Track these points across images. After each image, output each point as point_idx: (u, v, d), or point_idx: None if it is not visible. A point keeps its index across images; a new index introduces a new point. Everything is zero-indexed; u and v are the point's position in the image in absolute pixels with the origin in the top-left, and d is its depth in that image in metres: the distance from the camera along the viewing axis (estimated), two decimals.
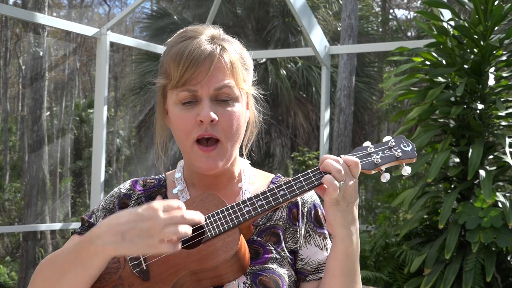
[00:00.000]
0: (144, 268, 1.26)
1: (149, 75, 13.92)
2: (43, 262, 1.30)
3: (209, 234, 1.26)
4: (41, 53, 13.45)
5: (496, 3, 4.36)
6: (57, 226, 11.04)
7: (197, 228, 1.26)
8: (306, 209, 1.41)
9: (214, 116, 1.30)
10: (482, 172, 4.08)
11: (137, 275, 1.26)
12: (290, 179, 1.31)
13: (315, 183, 1.28)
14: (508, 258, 4.27)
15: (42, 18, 5.14)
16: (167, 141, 1.45)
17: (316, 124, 12.87)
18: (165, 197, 1.43)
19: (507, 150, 4.06)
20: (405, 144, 1.34)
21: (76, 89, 19.18)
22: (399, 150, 1.33)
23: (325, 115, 6.26)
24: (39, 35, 13.55)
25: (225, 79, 1.32)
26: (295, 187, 1.29)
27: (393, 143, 1.34)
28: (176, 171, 1.47)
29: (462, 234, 4.21)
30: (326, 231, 1.42)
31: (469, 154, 4.10)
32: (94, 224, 1.40)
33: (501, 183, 4.65)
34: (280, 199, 1.28)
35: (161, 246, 1.15)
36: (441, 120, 4.56)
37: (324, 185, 1.26)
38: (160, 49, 6.61)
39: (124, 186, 1.47)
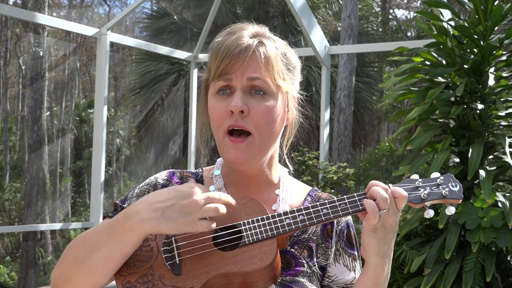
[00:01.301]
0: (177, 262, 1.24)
1: (149, 75, 13.92)
2: (75, 240, 1.29)
3: (246, 240, 1.25)
4: (41, 53, 13.45)
5: (496, 3, 4.36)
6: (57, 226, 11.04)
7: (235, 232, 1.26)
8: (339, 227, 1.41)
9: (243, 106, 1.29)
10: (482, 172, 4.08)
11: (169, 268, 1.24)
12: (335, 198, 1.30)
13: (360, 208, 1.28)
14: (508, 258, 4.27)
15: (42, 18, 5.14)
16: (208, 135, 1.44)
17: (316, 124, 12.87)
18: None
19: (507, 150, 4.06)
20: (453, 184, 1.34)
21: (76, 89, 19.18)
22: (446, 189, 1.33)
23: (325, 115, 6.25)
24: (39, 35, 13.55)
25: (258, 71, 1.31)
26: (339, 208, 1.28)
27: (442, 181, 1.34)
28: (214, 167, 1.45)
29: (462, 234, 4.21)
30: (356, 253, 1.42)
31: (469, 154, 4.10)
32: None
33: (501, 183, 4.65)
34: (323, 218, 1.27)
35: (199, 224, 1.17)
36: (441, 120, 4.56)
37: (366, 210, 1.26)
38: (160, 49, 6.61)
39: (161, 176, 1.45)
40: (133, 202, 1.38)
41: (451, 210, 1.33)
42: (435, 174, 1.35)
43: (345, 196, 1.30)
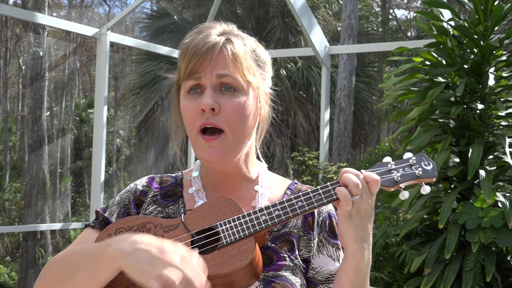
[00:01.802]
0: None
1: (149, 75, 13.92)
2: (58, 256, 1.28)
3: (224, 241, 1.25)
4: (41, 53, 13.45)
5: (496, 3, 4.36)
6: (57, 226, 11.04)
7: (212, 234, 1.26)
8: (321, 218, 1.41)
9: (214, 103, 1.30)
10: (482, 172, 4.08)
11: None
12: (309, 190, 1.30)
13: (334, 197, 1.27)
14: (508, 258, 4.27)
15: (42, 18, 5.14)
16: (183, 136, 1.44)
17: (316, 124, 12.87)
18: (181, 196, 1.42)
19: (507, 150, 4.06)
20: (426, 162, 1.34)
21: (76, 89, 19.18)
22: (420, 169, 1.32)
23: (325, 115, 6.26)
24: (39, 35, 13.55)
25: (227, 68, 1.32)
26: (313, 199, 1.28)
27: (414, 161, 1.33)
28: (193, 169, 1.45)
29: (462, 234, 4.21)
30: (339, 242, 1.41)
31: (469, 154, 4.10)
32: (108, 218, 1.38)
33: (501, 183, 4.65)
34: (298, 211, 1.27)
35: (151, 281, 1.10)
36: (441, 120, 4.56)
37: (339, 197, 1.26)
38: (160, 49, 6.61)
39: (141, 182, 1.45)
40: (114, 211, 1.40)
41: (426, 190, 1.33)
42: (408, 155, 1.35)
43: (319, 187, 1.29)
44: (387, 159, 1.34)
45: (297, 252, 1.36)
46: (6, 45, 15.94)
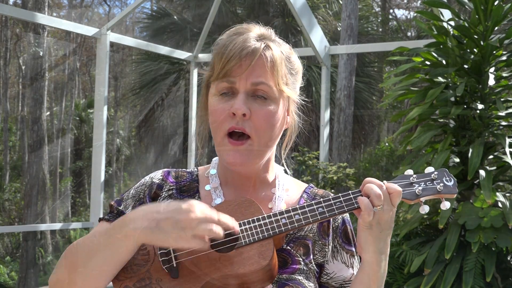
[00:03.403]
0: (174, 265, 1.24)
1: (149, 75, 13.92)
2: (72, 245, 1.29)
3: (243, 241, 1.25)
4: (41, 53, 13.45)
5: (496, 3, 4.36)
6: (57, 226, 11.04)
7: (231, 233, 1.25)
8: (336, 224, 1.41)
9: (246, 109, 1.29)
10: (482, 172, 4.08)
11: (166, 271, 1.24)
12: (330, 197, 1.30)
13: (355, 205, 1.27)
14: (508, 258, 4.27)
15: (42, 18, 5.14)
16: (206, 133, 1.43)
17: (316, 124, 12.87)
18: (197, 192, 1.42)
19: (507, 150, 4.06)
20: (448, 178, 1.34)
21: (76, 89, 19.18)
22: (441, 184, 1.33)
23: (325, 115, 6.26)
24: (39, 35, 13.55)
25: (264, 76, 1.31)
26: (334, 207, 1.28)
27: (436, 176, 1.34)
28: (210, 167, 1.45)
29: (462, 234, 4.21)
30: (353, 249, 1.42)
31: (469, 154, 4.10)
32: (123, 212, 1.39)
33: (501, 183, 4.65)
34: (318, 216, 1.27)
35: (192, 241, 1.16)
36: (441, 120, 4.56)
37: (360, 207, 1.25)
38: (160, 49, 6.61)
39: (156, 176, 1.44)
40: (129, 204, 1.40)
41: (446, 205, 1.33)
42: (430, 169, 1.35)
43: (340, 194, 1.30)
44: (409, 171, 1.35)
45: (311, 257, 1.36)
46: (6, 45, 15.94)
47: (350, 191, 1.30)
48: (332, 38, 13.30)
